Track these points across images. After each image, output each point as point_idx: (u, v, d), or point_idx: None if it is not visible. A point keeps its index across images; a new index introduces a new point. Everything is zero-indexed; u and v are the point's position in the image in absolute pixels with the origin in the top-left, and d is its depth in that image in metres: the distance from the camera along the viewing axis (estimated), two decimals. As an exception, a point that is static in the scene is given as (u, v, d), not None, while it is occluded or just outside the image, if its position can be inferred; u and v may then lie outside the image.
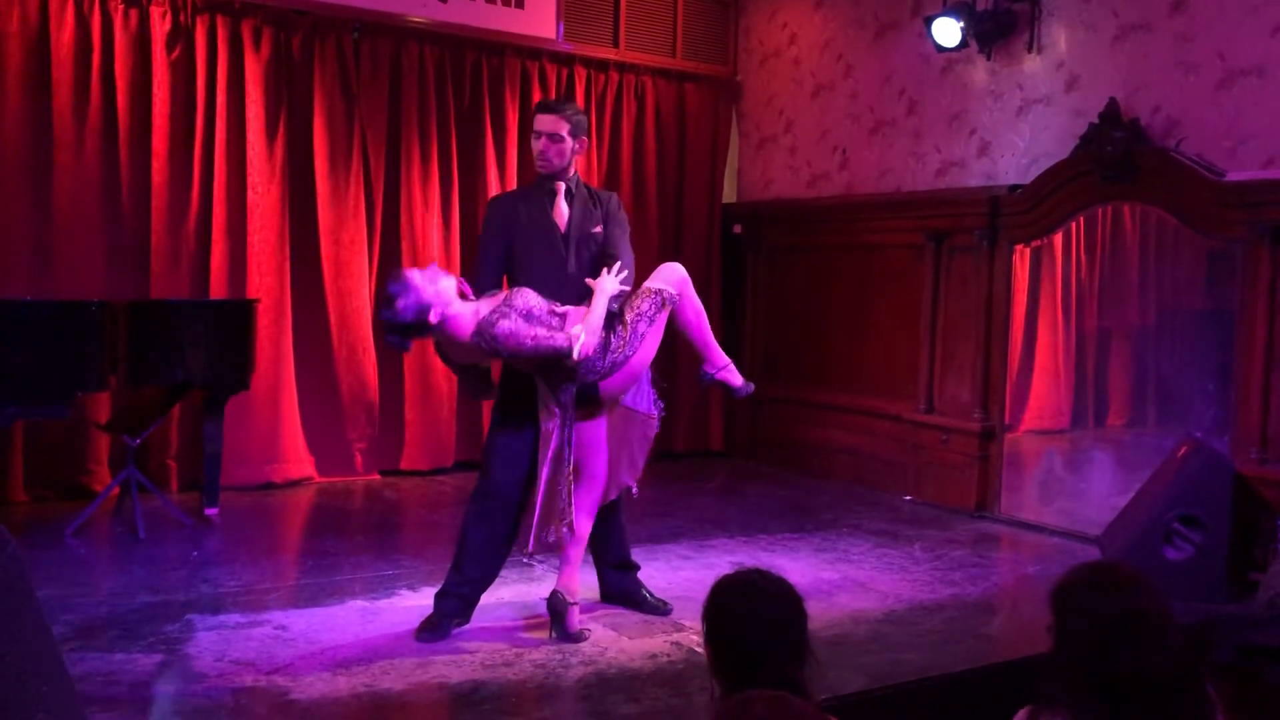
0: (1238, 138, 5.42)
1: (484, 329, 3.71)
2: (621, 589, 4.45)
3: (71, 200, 6.14)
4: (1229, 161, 5.43)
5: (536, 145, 4.16)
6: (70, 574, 4.73)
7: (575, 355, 3.75)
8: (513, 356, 3.80)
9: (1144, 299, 6.80)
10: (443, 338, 3.82)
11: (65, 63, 6.10)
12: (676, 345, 8.32)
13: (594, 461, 4.07)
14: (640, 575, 4.51)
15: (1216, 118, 5.52)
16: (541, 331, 3.73)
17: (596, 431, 4.07)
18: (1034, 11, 6.37)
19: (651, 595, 4.45)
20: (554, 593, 4.05)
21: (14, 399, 4.81)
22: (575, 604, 4.07)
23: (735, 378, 4.25)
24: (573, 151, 4.16)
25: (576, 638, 4.02)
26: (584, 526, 4.09)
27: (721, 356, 4.25)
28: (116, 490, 5.74)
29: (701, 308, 4.21)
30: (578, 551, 4.08)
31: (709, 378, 4.26)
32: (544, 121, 4.15)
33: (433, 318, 3.69)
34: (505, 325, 3.69)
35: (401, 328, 3.72)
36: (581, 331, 3.77)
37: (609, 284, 3.93)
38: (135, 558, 5.04)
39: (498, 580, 4.28)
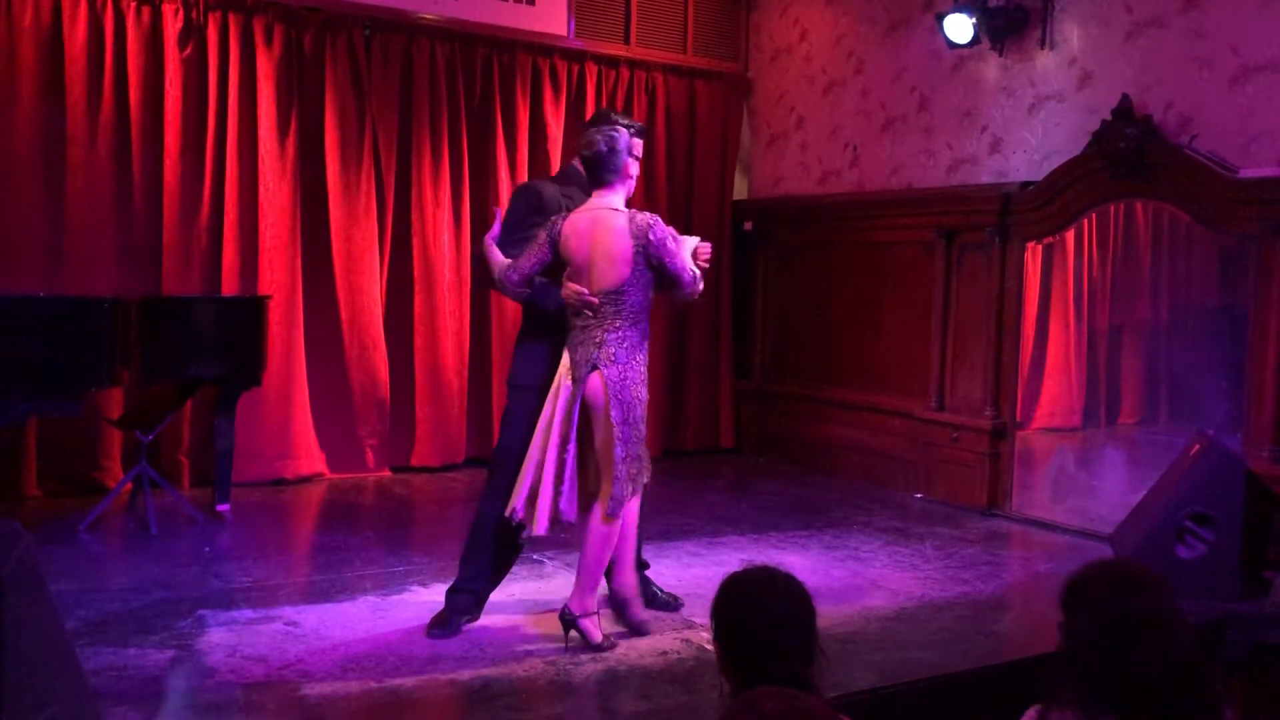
0: (1251, 134, 5.40)
1: (646, 217, 3.85)
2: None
3: (84, 197, 6.16)
4: (1242, 158, 5.40)
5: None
6: (83, 569, 4.75)
7: (697, 284, 3.93)
8: (651, 252, 3.82)
9: (1156, 296, 6.77)
10: (604, 204, 3.91)
11: (78, 60, 6.12)
12: (686, 346, 8.39)
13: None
14: (650, 572, 4.50)
15: (1230, 114, 5.49)
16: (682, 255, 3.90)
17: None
18: (1046, 7, 6.34)
19: (662, 591, 4.44)
20: (564, 608, 3.92)
21: (27, 395, 4.82)
22: (590, 616, 3.93)
23: (595, 632, 3.92)
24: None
25: (600, 647, 3.88)
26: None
27: (592, 602, 3.94)
28: (129, 486, 5.78)
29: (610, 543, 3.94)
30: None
31: (569, 614, 3.90)
32: None
33: (631, 168, 3.97)
34: (664, 228, 3.87)
35: (604, 153, 3.89)
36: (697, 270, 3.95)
37: (694, 242, 4.04)
38: (147, 553, 5.06)
39: (509, 577, 4.30)
